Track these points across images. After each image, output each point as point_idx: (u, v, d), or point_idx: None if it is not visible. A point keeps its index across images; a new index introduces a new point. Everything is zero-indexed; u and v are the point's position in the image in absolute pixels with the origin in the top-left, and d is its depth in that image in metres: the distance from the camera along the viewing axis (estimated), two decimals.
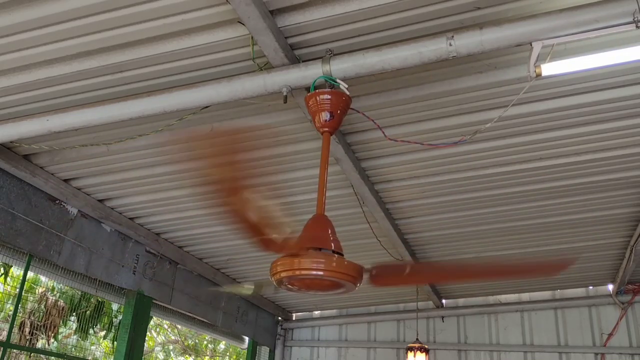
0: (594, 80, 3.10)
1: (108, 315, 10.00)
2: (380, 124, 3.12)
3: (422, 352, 5.98)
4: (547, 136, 3.61)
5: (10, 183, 4.05)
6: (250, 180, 2.12)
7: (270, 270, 2.10)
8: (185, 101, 2.88)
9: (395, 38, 2.66)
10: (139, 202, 4.66)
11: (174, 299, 5.90)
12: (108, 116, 3.06)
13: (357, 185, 4.04)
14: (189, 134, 2.41)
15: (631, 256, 5.42)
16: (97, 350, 11.38)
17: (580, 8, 2.22)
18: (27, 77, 3.02)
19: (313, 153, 3.78)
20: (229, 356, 15.36)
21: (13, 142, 3.66)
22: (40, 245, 4.31)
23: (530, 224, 4.97)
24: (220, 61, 2.88)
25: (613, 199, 4.53)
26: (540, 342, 7.05)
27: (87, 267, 4.78)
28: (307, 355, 8.20)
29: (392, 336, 7.80)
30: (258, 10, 2.38)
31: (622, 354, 6.62)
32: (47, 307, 9.40)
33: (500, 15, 2.53)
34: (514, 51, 2.71)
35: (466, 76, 3.07)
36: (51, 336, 9.58)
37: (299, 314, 8.56)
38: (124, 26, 2.63)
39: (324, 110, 2.49)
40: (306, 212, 4.54)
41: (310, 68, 2.62)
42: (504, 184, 4.24)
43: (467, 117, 3.41)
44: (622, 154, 3.80)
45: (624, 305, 6.74)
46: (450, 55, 2.41)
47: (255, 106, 3.29)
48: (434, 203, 4.60)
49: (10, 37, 2.71)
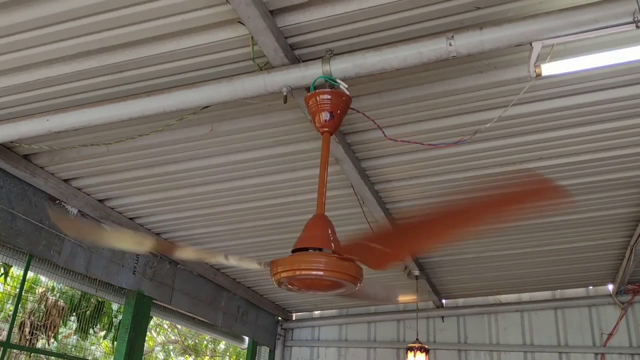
0: (594, 80, 3.09)
1: (108, 315, 10.00)
2: (380, 124, 3.12)
3: (422, 352, 5.98)
4: (547, 136, 3.61)
5: (10, 183, 4.05)
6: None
7: (271, 270, 2.10)
8: (185, 101, 2.88)
9: (395, 38, 2.66)
10: (139, 202, 4.66)
11: (174, 299, 5.90)
12: (108, 116, 3.06)
13: (357, 185, 4.04)
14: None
15: (631, 256, 5.42)
16: (97, 350, 11.38)
17: (580, 8, 2.22)
18: (27, 77, 3.01)
19: (313, 153, 3.78)
20: (229, 356, 15.36)
21: (13, 142, 3.66)
22: (40, 245, 4.31)
23: (530, 223, 4.97)
24: (220, 61, 2.88)
25: (613, 199, 4.53)
26: (540, 342, 7.05)
27: (87, 267, 4.79)
28: (307, 355, 8.20)
29: (392, 336, 7.80)
30: (258, 10, 2.38)
31: (622, 354, 6.62)
32: (47, 307, 9.40)
33: (500, 15, 2.53)
34: (514, 51, 2.71)
35: (466, 76, 3.07)
36: (51, 336, 9.58)
37: (299, 314, 8.56)
38: (123, 26, 2.63)
39: (324, 110, 2.49)
40: (306, 212, 4.57)
41: (310, 68, 2.62)
42: (504, 184, 4.23)
43: (467, 117, 3.41)
44: (622, 154, 3.80)
45: (624, 305, 6.74)
46: (450, 55, 2.41)
47: (255, 106, 3.29)
48: (434, 203, 4.59)
49: (10, 37, 2.71)
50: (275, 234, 5.24)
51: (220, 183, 4.29)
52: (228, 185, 4.31)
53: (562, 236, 5.28)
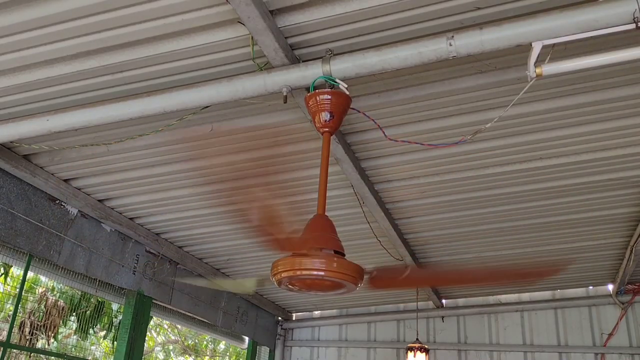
0: (594, 80, 3.10)
1: (108, 315, 10.01)
2: (380, 124, 3.12)
3: (422, 352, 5.98)
4: (547, 136, 3.61)
5: (10, 183, 4.05)
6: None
7: (271, 270, 2.10)
8: (185, 101, 2.88)
9: (395, 38, 2.66)
10: (139, 202, 4.66)
11: (174, 299, 5.90)
12: (108, 116, 3.05)
13: (357, 185, 4.04)
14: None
15: (631, 256, 5.42)
16: (97, 350, 11.38)
17: (580, 8, 2.22)
18: (27, 77, 3.01)
19: (313, 153, 3.78)
20: (229, 356, 15.37)
21: (13, 142, 3.65)
22: (40, 245, 4.31)
23: (530, 223, 4.97)
24: (220, 61, 2.88)
25: (613, 199, 4.53)
26: (540, 342, 7.05)
27: (87, 267, 4.78)
28: (307, 355, 8.20)
29: (392, 336, 7.80)
30: (258, 10, 2.38)
31: (622, 354, 6.62)
32: (47, 307, 9.41)
33: (500, 15, 2.53)
34: (514, 51, 2.71)
35: (466, 76, 3.07)
36: (51, 336, 9.59)
37: (299, 314, 8.56)
38: (124, 26, 2.63)
39: (324, 110, 2.49)
40: (306, 212, 4.55)
41: (310, 68, 2.62)
42: (504, 184, 4.24)
43: (467, 117, 3.41)
44: (622, 154, 3.81)
45: (624, 305, 6.75)
46: (450, 55, 2.41)
47: (255, 106, 3.29)
48: (434, 203, 4.60)
49: (10, 37, 2.70)
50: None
51: (220, 183, 4.29)
52: (228, 185, 4.31)
53: (562, 236, 5.28)
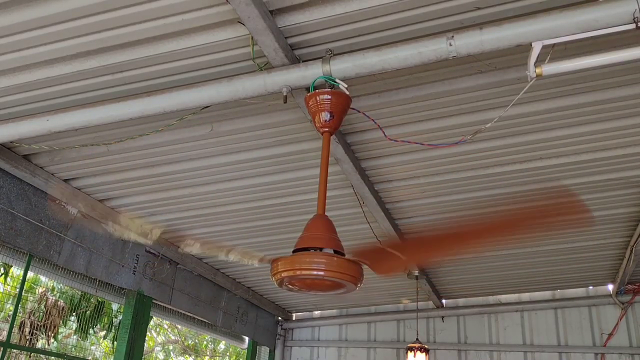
0: (594, 80, 3.09)
1: (108, 315, 10.01)
2: (380, 124, 3.12)
3: (422, 352, 5.98)
4: (547, 136, 3.61)
5: (10, 183, 4.05)
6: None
7: (271, 270, 2.10)
8: (185, 101, 2.88)
9: (395, 38, 2.66)
10: (139, 202, 4.66)
11: (173, 299, 5.90)
12: (108, 116, 3.05)
13: (357, 185, 4.04)
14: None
15: (631, 256, 5.42)
16: (97, 350, 11.38)
17: (580, 8, 2.22)
18: (27, 77, 3.01)
19: (313, 153, 3.78)
20: (229, 356, 15.37)
21: (13, 142, 3.65)
22: (40, 245, 4.31)
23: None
24: (220, 61, 2.88)
25: (613, 199, 4.53)
26: (540, 342, 7.05)
27: (87, 267, 4.78)
28: (307, 355, 8.20)
29: (392, 336, 7.80)
30: (258, 10, 2.38)
31: (622, 354, 6.62)
32: (47, 307, 9.42)
33: (500, 15, 2.53)
34: (514, 51, 2.71)
35: (466, 76, 3.07)
36: (51, 336, 9.59)
37: (299, 314, 8.56)
38: (124, 26, 2.63)
39: (324, 110, 2.48)
40: (306, 212, 4.57)
41: (310, 68, 2.62)
42: (504, 184, 4.24)
43: (467, 117, 3.41)
44: (622, 154, 3.80)
45: (624, 305, 6.75)
46: (450, 55, 2.41)
47: (255, 106, 3.29)
48: (434, 203, 4.60)
49: (10, 37, 2.70)
50: (276, 234, 5.24)
51: (220, 183, 4.29)
52: (228, 185, 4.31)
53: (562, 236, 5.28)
